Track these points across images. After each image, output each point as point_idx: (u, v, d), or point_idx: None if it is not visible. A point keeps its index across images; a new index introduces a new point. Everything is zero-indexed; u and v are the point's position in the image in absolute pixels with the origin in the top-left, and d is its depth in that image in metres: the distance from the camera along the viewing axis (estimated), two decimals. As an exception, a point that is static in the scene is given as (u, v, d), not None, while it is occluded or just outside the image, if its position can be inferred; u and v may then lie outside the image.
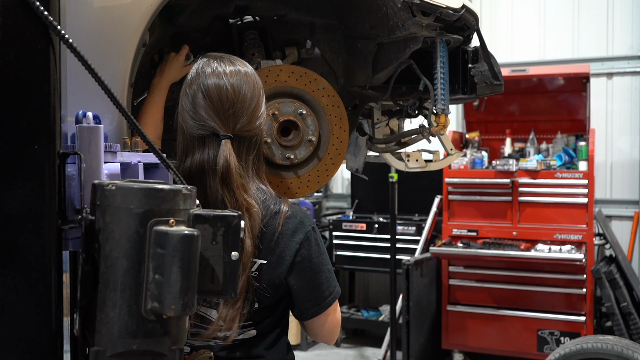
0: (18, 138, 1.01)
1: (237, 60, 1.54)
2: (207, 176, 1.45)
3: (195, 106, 1.46)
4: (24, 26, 1.01)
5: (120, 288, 1.00)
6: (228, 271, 1.12)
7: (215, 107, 1.45)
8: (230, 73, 1.49)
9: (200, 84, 1.47)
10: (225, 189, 1.44)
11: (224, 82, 1.47)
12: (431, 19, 1.86)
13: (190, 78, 1.51)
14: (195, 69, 1.51)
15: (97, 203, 1.03)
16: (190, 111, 1.47)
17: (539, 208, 4.71)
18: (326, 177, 2.01)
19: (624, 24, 5.31)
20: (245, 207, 1.44)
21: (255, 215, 1.45)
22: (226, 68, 1.49)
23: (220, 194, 1.43)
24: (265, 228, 1.47)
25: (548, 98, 5.27)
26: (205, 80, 1.47)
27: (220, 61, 1.51)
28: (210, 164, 1.45)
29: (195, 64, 1.52)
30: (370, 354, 5.45)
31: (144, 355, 1.02)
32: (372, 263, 5.49)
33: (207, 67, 1.49)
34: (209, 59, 1.52)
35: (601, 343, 3.29)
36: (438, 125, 2.10)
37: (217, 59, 1.52)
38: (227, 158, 1.44)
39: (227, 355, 1.50)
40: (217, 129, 1.45)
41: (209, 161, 1.45)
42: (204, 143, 1.47)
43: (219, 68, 1.49)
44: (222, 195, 1.43)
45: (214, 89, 1.46)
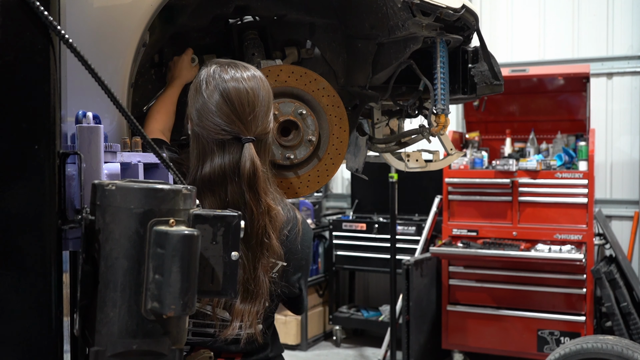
0: (18, 138, 1.01)
1: (248, 65, 1.55)
2: (228, 181, 1.45)
3: (215, 111, 1.46)
4: (24, 26, 1.01)
5: (120, 288, 1.00)
6: (228, 271, 1.12)
7: (238, 111, 1.46)
8: (248, 78, 1.50)
9: (221, 89, 1.47)
10: (251, 193, 1.45)
11: (244, 86, 1.48)
12: (431, 19, 1.86)
13: (201, 84, 1.50)
14: (206, 75, 1.50)
15: (97, 203, 1.03)
16: (208, 116, 1.46)
17: (539, 208, 4.71)
18: (326, 177, 2.01)
19: (624, 24, 5.31)
20: (268, 210, 1.47)
21: (279, 217, 1.50)
22: (243, 73, 1.50)
23: (245, 198, 1.44)
24: (289, 232, 1.55)
25: (548, 98, 5.27)
26: (225, 85, 1.47)
27: (235, 67, 1.52)
28: (233, 168, 1.45)
29: (203, 71, 1.52)
30: (370, 354, 5.45)
31: (144, 355, 1.02)
32: (372, 263, 5.50)
33: (224, 73, 1.49)
34: (221, 65, 1.52)
35: (601, 343, 3.29)
36: (438, 125, 2.10)
37: (230, 65, 1.52)
38: (253, 161, 1.45)
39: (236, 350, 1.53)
40: (239, 133, 1.46)
41: (232, 165, 1.45)
42: (223, 148, 1.46)
43: (237, 73, 1.49)
44: (248, 199, 1.44)
45: (235, 94, 1.46)
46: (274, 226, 1.48)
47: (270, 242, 1.47)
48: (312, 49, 2.23)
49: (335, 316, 5.66)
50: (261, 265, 1.47)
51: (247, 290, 1.45)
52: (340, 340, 5.67)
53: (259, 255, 1.46)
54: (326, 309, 5.88)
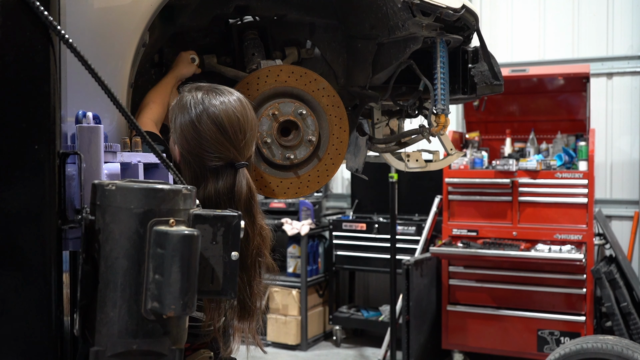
0: (18, 138, 1.01)
1: (230, 89, 1.55)
2: (222, 206, 1.45)
3: (209, 140, 1.45)
4: (24, 26, 1.01)
5: (120, 288, 1.00)
6: (228, 271, 1.12)
7: (232, 138, 1.46)
8: (236, 103, 1.50)
9: (213, 117, 1.46)
10: (247, 216, 1.47)
11: (234, 113, 1.48)
12: (431, 19, 1.86)
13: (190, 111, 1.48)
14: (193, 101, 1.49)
15: (97, 203, 1.03)
16: (201, 145, 1.46)
17: (539, 208, 4.71)
18: (326, 177, 2.01)
19: (624, 24, 5.31)
20: (260, 230, 1.49)
21: (269, 235, 1.53)
22: (230, 99, 1.50)
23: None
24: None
25: (548, 98, 5.27)
26: (216, 113, 1.46)
27: (221, 92, 1.51)
28: (227, 193, 1.46)
29: (188, 97, 1.51)
30: (370, 354, 5.45)
31: (144, 355, 1.02)
32: (372, 263, 5.49)
33: (213, 99, 1.48)
34: (206, 92, 1.51)
35: (601, 343, 3.29)
36: (438, 125, 2.10)
37: (215, 91, 1.51)
38: (250, 185, 1.47)
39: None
40: (233, 159, 1.47)
41: (226, 190, 1.46)
42: (217, 174, 1.47)
43: (225, 99, 1.49)
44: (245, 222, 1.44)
45: (227, 121, 1.46)
46: (266, 244, 1.51)
47: (265, 260, 1.51)
48: (312, 49, 2.23)
49: (335, 316, 5.66)
50: (255, 283, 1.49)
51: (243, 308, 1.47)
52: (340, 340, 5.67)
53: (254, 274, 1.49)
54: (326, 309, 5.88)
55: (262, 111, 1.90)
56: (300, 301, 5.53)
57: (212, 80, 2.11)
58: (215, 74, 2.09)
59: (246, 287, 1.47)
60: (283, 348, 5.55)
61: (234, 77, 2.06)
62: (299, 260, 5.64)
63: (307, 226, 5.55)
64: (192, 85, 1.55)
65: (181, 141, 1.49)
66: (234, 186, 1.46)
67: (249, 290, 1.48)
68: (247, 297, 1.47)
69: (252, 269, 1.48)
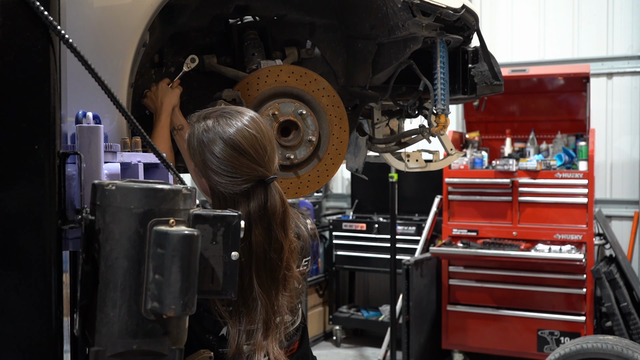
0: (18, 138, 1.01)
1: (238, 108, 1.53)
2: (252, 227, 1.44)
3: (235, 166, 1.44)
4: (24, 26, 1.01)
5: (120, 288, 1.00)
6: (228, 271, 1.12)
7: (256, 158, 1.45)
8: (248, 122, 1.48)
9: (232, 144, 1.44)
10: (282, 230, 1.47)
11: (250, 133, 1.46)
12: (431, 19, 1.86)
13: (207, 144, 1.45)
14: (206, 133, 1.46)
15: (97, 203, 1.03)
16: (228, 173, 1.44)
17: (539, 208, 4.71)
18: (326, 177, 2.01)
19: (624, 24, 5.31)
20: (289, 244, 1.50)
21: (297, 248, 1.54)
22: (243, 120, 1.48)
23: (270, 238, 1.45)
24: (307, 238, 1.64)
25: (548, 98, 5.27)
26: (234, 139, 1.44)
27: (231, 116, 1.49)
28: (260, 212, 1.45)
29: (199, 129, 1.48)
30: (370, 354, 5.45)
31: (144, 355, 1.02)
32: (372, 263, 5.49)
33: (226, 127, 1.46)
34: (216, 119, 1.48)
35: (601, 343, 3.29)
36: (438, 125, 2.10)
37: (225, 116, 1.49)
38: (282, 199, 1.48)
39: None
40: (262, 176, 1.46)
41: (257, 210, 1.45)
42: (248, 195, 1.46)
43: (238, 122, 1.47)
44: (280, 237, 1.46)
45: (247, 144, 1.45)
46: (294, 258, 1.51)
47: (292, 273, 1.50)
48: (312, 49, 2.23)
49: (335, 316, 5.66)
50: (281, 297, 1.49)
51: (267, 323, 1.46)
52: (340, 340, 5.67)
53: (280, 288, 1.49)
54: (326, 309, 5.88)
55: (262, 111, 1.90)
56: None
57: (212, 80, 2.11)
58: (215, 73, 2.09)
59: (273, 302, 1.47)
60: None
61: (234, 77, 2.06)
62: (299, 260, 5.63)
63: (307, 226, 5.54)
64: (200, 114, 1.52)
65: (206, 173, 1.47)
66: (267, 202, 1.45)
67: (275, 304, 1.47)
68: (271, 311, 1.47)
69: (281, 283, 1.48)
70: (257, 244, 1.44)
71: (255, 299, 1.44)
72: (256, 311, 1.44)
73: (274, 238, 1.45)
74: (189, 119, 1.55)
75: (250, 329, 1.46)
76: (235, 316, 1.44)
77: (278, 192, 1.48)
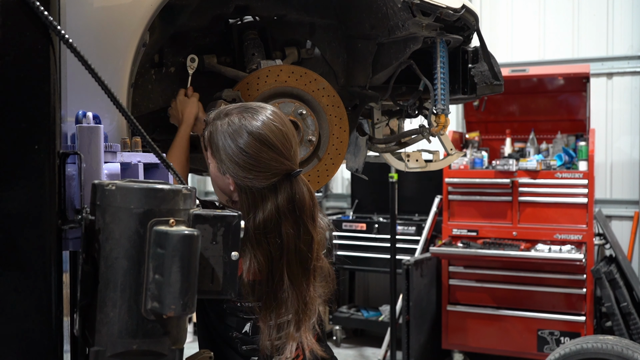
0: (18, 138, 1.01)
1: (259, 104, 1.53)
2: (282, 220, 1.45)
3: (263, 160, 1.44)
4: (24, 26, 1.01)
5: (120, 288, 1.00)
6: (228, 271, 1.12)
7: (283, 152, 1.46)
8: (273, 116, 1.49)
9: (261, 139, 1.45)
10: (311, 222, 1.48)
11: (276, 126, 1.47)
12: (431, 19, 1.86)
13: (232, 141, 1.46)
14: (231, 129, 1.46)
15: (97, 203, 1.03)
16: (256, 167, 1.45)
17: (539, 208, 4.71)
18: (326, 177, 2.01)
19: (624, 24, 5.31)
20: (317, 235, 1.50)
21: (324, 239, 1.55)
22: (266, 114, 1.48)
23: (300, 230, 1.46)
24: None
25: (548, 98, 5.27)
26: (261, 133, 1.45)
27: (254, 111, 1.49)
28: (288, 204, 1.46)
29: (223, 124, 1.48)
30: (370, 354, 5.45)
31: (144, 355, 1.02)
32: (372, 263, 5.49)
33: (253, 121, 1.46)
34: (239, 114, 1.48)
35: (601, 343, 3.29)
36: (438, 125, 2.10)
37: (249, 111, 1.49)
38: (310, 191, 1.49)
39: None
40: (289, 169, 1.47)
41: (285, 202, 1.46)
42: (275, 189, 1.46)
43: (262, 116, 1.48)
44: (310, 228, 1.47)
45: (274, 137, 1.46)
46: (322, 248, 1.52)
47: (321, 264, 1.51)
48: (312, 49, 2.23)
49: (335, 316, 5.66)
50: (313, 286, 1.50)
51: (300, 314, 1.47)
52: (340, 340, 5.67)
53: (312, 278, 1.50)
54: (326, 309, 5.88)
55: (262, 111, 1.90)
56: (300, 301, 5.52)
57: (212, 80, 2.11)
58: (215, 73, 2.09)
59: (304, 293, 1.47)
60: (283, 348, 5.55)
61: (234, 77, 2.06)
62: (299, 260, 5.63)
63: (307, 226, 5.55)
64: (220, 111, 1.52)
65: (233, 170, 1.46)
66: (294, 195, 1.46)
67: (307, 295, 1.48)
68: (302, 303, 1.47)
69: (312, 274, 1.49)
70: (287, 237, 1.45)
71: (286, 292, 1.44)
72: (287, 304, 1.45)
73: (303, 230, 1.46)
74: (208, 119, 1.55)
75: (281, 322, 1.46)
76: (266, 311, 1.45)
77: (305, 185, 1.49)
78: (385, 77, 2.16)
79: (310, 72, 1.98)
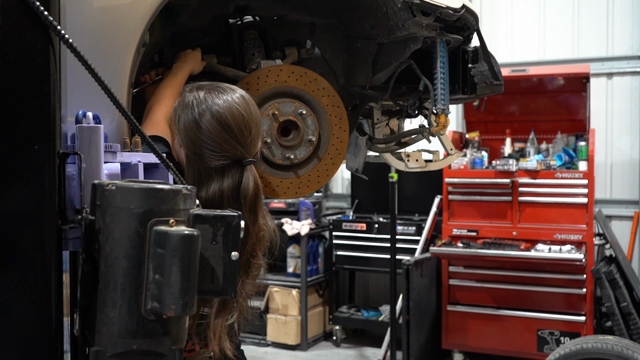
0: (18, 138, 1.01)
1: (232, 86, 1.54)
2: (224, 205, 1.44)
3: (214, 139, 1.45)
4: (24, 26, 1.01)
5: (120, 288, 1.00)
6: (228, 271, 1.12)
7: (238, 136, 1.46)
8: (240, 100, 1.49)
9: (217, 117, 1.45)
10: (251, 215, 1.47)
11: (239, 110, 1.47)
12: (431, 19, 1.86)
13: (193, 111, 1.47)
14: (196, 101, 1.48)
15: (97, 203, 1.03)
16: (207, 145, 1.45)
17: (539, 208, 4.71)
18: (326, 177, 2.01)
19: (624, 24, 5.31)
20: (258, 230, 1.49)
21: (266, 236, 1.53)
22: (234, 96, 1.49)
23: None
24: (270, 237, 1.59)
25: (548, 98, 5.27)
26: (221, 112, 1.45)
27: (223, 91, 1.50)
28: (233, 191, 1.45)
29: (190, 97, 1.50)
30: (370, 354, 5.45)
31: (144, 355, 1.02)
32: (372, 263, 5.49)
33: (216, 99, 1.47)
34: (208, 90, 1.49)
35: (601, 343, 3.29)
36: (438, 125, 2.10)
37: (217, 90, 1.50)
38: (257, 182, 1.47)
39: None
40: (240, 157, 1.46)
41: (231, 189, 1.45)
42: (223, 173, 1.46)
43: (228, 97, 1.48)
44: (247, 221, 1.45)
45: (232, 120, 1.46)
46: (261, 245, 1.50)
47: (257, 260, 1.49)
48: (312, 49, 2.23)
49: (335, 316, 5.66)
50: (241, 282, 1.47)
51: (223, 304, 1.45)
52: (340, 340, 5.67)
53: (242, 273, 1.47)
54: (326, 309, 5.88)
55: (262, 111, 1.90)
56: (300, 301, 5.53)
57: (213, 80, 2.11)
58: (216, 74, 2.09)
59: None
60: (283, 348, 5.55)
61: (234, 77, 2.06)
62: (299, 260, 5.64)
63: (307, 226, 5.55)
64: (193, 85, 1.54)
65: (186, 142, 1.48)
66: (240, 184, 1.45)
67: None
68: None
69: (242, 269, 1.47)
70: None
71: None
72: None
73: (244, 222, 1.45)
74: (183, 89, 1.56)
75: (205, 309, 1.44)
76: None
77: (254, 176, 1.47)
78: (385, 77, 2.16)
79: (310, 72, 1.98)
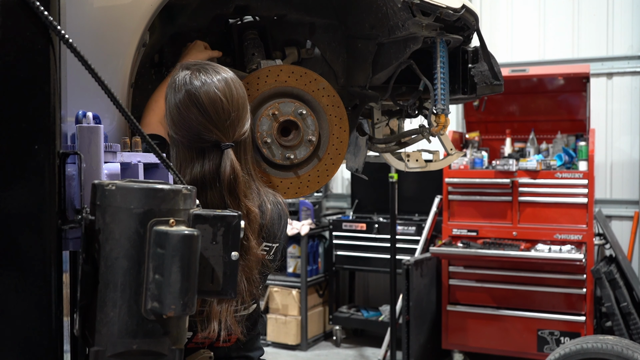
0: (18, 138, 1.01)
1: (219, 68, 1.52)
2: (207, 187, 1.45)
3: (191, 121, 1.45)
4: (24, 26, 1.01)
5: (120, 288, 1.00)
6: (228, 271, 1.12)
7: (214, 119, 1.45)
8: (219, 82, 1.47)
9: (193, 99, 1.45)
10: (231, 197, 1.46)
11: (216, 93, 1.46)
12: (431, 19, 1.86)
13: (175, 91, 1.48)
14: (177, 82, 1.48)
15: (97, 203, 1.03)
16: (185, 126, 1.46)
17: (539, 208, 4.71)
18: (326, 177, 2.01)
19: (624, 24, 5.31)
20: (247, 213, 1.47)
21: (255, 218, 1.50)
22: (214, 78, 1.47)
23: (224, 203, 1.45)
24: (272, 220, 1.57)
25: (548, 98, 5.27)
26: (197, 93, 1.45)
27: (205, 72, 1.48)
28: (212, 174, 1.46)
29: (175, 75, 1.50)
30: (370, 354, 5.45)
31: (144, 355, 1.02)
32: (372, 263, 5.50)
33: (194, 80, 1.46)
34: (191, 71, 1.49)
35: (601, 343, 3.29)
36: (438, 125, 2.10)
37: (200, 70, 1.49)
38: (234, 167, 1.45)
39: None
40: (218, 139, 1.46)
41: (211, 172, 1.46)
42: (203, 155, 1.47)
43: (207, 79, 1.47)
44: (228, 203, 1.45)
45: (208, 102, 1.45)
46: (252, 228, 1.48)
47: (249, 244, 1.48)
48: (312, 49, 2.23)
49: (335, 316, 5.66)
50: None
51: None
52: (340, 340, 5.67)
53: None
54: (326, 309, 5.88)
55: (262, 111, 1.90)
56: (300, 301, 5.53)
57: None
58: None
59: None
60: (283, 348, 5.55)
61: (234, 77, 2.05)
62: (299, 260, 5.64)
63: (307, 226, 5.56)
64: (184, 64, 1.53)
65: (169, 122, 1.49)
66: (219, 168, 1.45)
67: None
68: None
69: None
70: (211, 206, 1.44)
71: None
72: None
73: (226, 204, 1.45)
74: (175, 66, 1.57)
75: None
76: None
77: (230, 161, 1.45)
78: (385, 77, 2.16)
79: (310, 72, 1.97)
